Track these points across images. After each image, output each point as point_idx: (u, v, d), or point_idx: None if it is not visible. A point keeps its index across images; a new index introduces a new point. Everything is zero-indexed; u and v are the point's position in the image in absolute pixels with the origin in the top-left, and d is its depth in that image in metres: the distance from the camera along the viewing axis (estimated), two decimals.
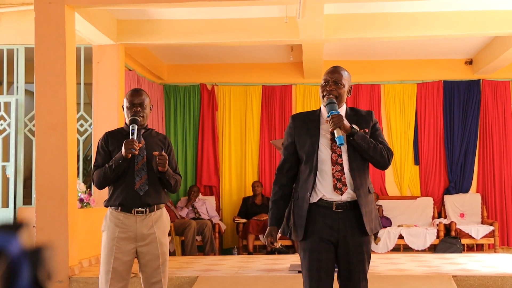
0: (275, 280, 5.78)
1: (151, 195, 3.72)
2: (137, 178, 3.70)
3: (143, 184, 3.70)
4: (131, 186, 3.69)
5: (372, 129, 3.25)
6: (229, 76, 10.02)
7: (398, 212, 9.50)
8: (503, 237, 9.43)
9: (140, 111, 3.75)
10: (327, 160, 3.15)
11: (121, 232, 3.68)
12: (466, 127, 9.69)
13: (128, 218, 3.69)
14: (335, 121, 3.06)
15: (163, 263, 3.73)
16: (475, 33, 7.58)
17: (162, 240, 3.75)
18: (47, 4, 5.93)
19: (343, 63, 9.56)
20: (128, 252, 3.69)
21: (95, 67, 7.48)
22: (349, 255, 3.15)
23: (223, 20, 7.53)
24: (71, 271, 5.82)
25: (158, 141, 3.84)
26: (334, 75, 3.20)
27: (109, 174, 3.67)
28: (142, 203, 3.69)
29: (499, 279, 5.62)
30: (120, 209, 3.70)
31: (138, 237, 3.69)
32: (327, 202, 3.13)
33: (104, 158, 3.77)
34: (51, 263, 1.05)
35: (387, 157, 3.17)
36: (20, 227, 1.04)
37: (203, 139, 9.92)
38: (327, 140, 3.18)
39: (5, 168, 7.54)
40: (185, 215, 9.12)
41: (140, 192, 3.69)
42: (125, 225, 3.69)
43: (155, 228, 3.72)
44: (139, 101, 3.76)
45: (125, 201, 3.69)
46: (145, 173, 3.71)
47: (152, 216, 3.73)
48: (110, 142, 3.80)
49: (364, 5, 7.11)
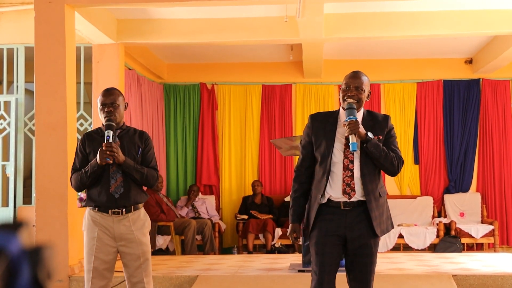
0: (275, 279, 5.78)
1: (127, 196, 3.71)
2: (112, 181, 3.70)
3: (118, 186, 3.70)
4: (107, 189, 3.70)
5: (386, 135, 3.35)
6: (229, 75, 10.02)
7: (398, 211, 9.49)
8: (503, 237, 9.43)
9: (112, 111, 3.73)
10: (339, 165, 3.26)
11: (100, 231, 3.70)
12: (466, 126, 9.69)
13: (106, 218, 3.71)
14: (352, 127, 3.17)
15: (144, 262, 3.73)
16: (475, 33, 7.57)
17: (142, 239, 3.74)
18: (47, 4, 5.93)
19: (342, 62, 9.67)
20: (108, 251, 3.70)
21: (95, 67, 7.48)
22: (358, 256, 3.26)
23: (223, 19, 7.53)
24: (71, 271, 5.82)
25: (135, 139, 3.82)
26: (356, 81, 3.30)
27: (85, 180, 3.70)
28: (118, 205, 3.70)
29: (499, 278, 5.62)
30: (97, 210, 3.72)
31: (117, 237, 3.70)
32: (335, 202, 3.25)
33: (81, 160, 3.78)
34: (51, 263, 1.06)
35: (397, 166, 3.30)
36: (20, 227, 1.04)
37: (203, 138, 9.92)
38: (341, 145, 3.28)
39: (5, 167, 7.54)
40: (185, 215, 9.12)
41: (115, 195, 3.69)
42: (103, 225, 3.71)
43: (133, 228, 3.72)
44: (110, 101, 3.74)
45: (101, 203, 3.71)
46: (120, 175, 3.71)
47: (130, 217, 3.73)
48: (87, 144, 3.80)
49: (364, 5, 7.10)
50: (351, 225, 3.23)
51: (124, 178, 3.71)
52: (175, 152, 9.97)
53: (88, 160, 3.74)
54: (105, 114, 3.72)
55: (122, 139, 3.78)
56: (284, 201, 9.48)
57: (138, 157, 3.78)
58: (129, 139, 3.80)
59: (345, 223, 3.23)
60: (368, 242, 3.24)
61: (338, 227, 3.23)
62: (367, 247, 3.25)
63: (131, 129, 3.88)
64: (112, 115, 3.71)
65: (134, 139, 3.82)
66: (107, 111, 3.72)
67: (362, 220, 3.23)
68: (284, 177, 9.83)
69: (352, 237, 3.23)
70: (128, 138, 3.81)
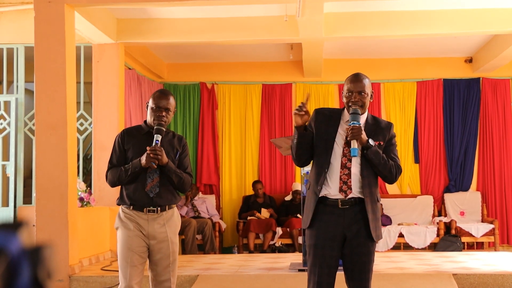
0: (275, 278, 5.78)
1: (162, 196, 3.72)
2: (149, 180, 3.71)
3: (154, 186, 3.71)
4: (143, 187, 3.70)
5: (387, 143, 3.37)
6: (229, 74, 10.02)
7: (398, 210, 9.50)
8: (503, 235, 9.43)
9: (164, 115, 3.72)
10: (337, 162, 3.27)
11: (135, 228, 3.70)
12: (466, 125, 9.69)
13: (140, 216, 3.71)
14: (354, 132, 3.19)
15: (173, 262, 3.76)
16: (475, 31, 7.57)
17: (173, 239, 3.77)
18: (47, 3, 5.92)
19: (342, 61, 9.67)
20: (142, 249, 3.71)
21: (95, 66, 7.48)
22: (356, 255, 3.26)
23: (223, 18, 7.53)
24: (71, 270, 5.82)
25: (174, 143, 3.82)
26: (358, 85, 3.30)
27: (124, 178, 3.70)
28: (153, 204, 3.71)
29: (499, 277, 5.62)
30: (132, 208, 3.72)
31: (150, 235, 3.71)
32: (333, 201, 3.26)
33: (119, 157, 3.78)
34: (51, 262, 1.05)
35: (395, 175, 3.32)
36: (20, 226, 1.04)
37: (203, 137, 9.92)
38: (341, 141, 3.30)
39: (5, 167, 7.54)
40: (185, 214, 9.12)
41: (151, 194, 3.70)
42: (137, 222, 3.71)
43: (166, 227, 3.74)
44: (165, 105, 3.72)
45: (136, 201, 3.71)
46: (157, 175, 3.71)
47: (164, 215, 3.74)
48: (126, 140, 3.79)
49: (363, 4, 7.10)
50: (349, 224, 3.24)
51: (161, 178, 3.72)
52: None
53: (126, 156, 3.75)
54: (156, 118, 3.70)
55: (162, 142, 3.75)
56: (284, 200, 9.48)
57: (176, 161, 3.79)
58: (168, 143, 3.80)
59: (343, 223, 3.24)
60: (366, 241, 3.26)
61: (336, 227, 3.24)
62: (364, 246, 3.26)
63: (170, 133, 3.88)
64: (162, 120, 3.71)
65: (173, 143, 3.82)
66: (159, 115, 3.70)
67: (359, 219, 3.24)
68: (284, 176, 9.83)
69: (350, 236, 3.25)
70: (168, 141, 3.80)
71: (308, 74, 9.74)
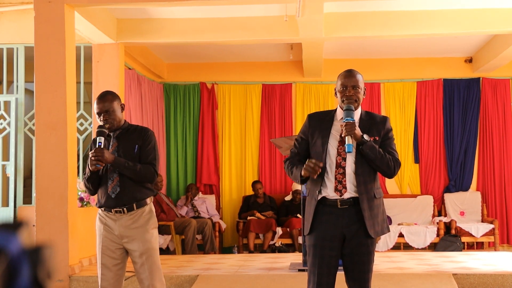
0: (275, 278, 5.78)
1: (125, 195, 3.76)
2: (109, 181, 3.78)
3: (115, 186, 3.77)
4: (106, 189, 3.79)
5: (383, 137, 3.34)
6: (229, 74, 10.02)
7: (398, 210, 9.50)
8: (503, 235, 9.43)
9: (108, 118, 3.78)
10: (332, 162, 3.27)
11: (105, 230, 3.81)
12: (466, 125, 9.69)
13: (110, 217, 3.80)
14: (348, 129, 3.16)
15: (147, 259, 3.77)
16: (475, 31, 7.57)
17: (145, 236, 3.78)
18: (47, 3, 5.93)
19: (342, 61, 9.66)
20: (114, 248, 3.79)
21: (95, 66, 7.48)
22: (355, 255, 3.26)
23: (223, 18, 7.53)
24: (71, 270, 5.83)
25: (133, 137, 3.84)
26: (352, 80, 3.30)
27: (88, 185, 3.85)
28: (117, 204, 3.77)
29: (499, 277, 5.62)
30: (103, 209, 3.83)
31: (120, 235, 3.78)
32: (331, 201, 3.26)
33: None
34: (51, 262, 1.05)
35: (393, 168, 3.28)
36: (20, 226, 1.04)
37: (203, 138, 9.92)
38: (335, 141, 3.29)
39: (5, 167, 7.54)
40: (185, 214, 9.12)
41: (112, 194, 3.76)
42: (107, 224, 3.81)
43: (135, 225, 3.78)
44: (104, 108, 3.79)
45: (102, 203, 3.81)
46: (116, 175, 3.76)
47: (132, 214, 3.78)
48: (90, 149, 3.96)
49: (363, 4, 7.10)
50: (348, 224, 3.24)
51: (121, 177, 3.76)
52: (175, 152, 9.97)
53: None
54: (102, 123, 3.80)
55: (119, 139, 3.82)
56: (284, 200, 9.48)
57: (136, 155, 3.79)
58: (126, 138, 3.84)
59: (342, 223, 3.24)
60: (365, 241, 3.25)
61: (336, 227, 3.24)
62: (364, 246, 3.25)
63: (133, 127, 3.90)
64: (107, 122, 3.78)
65: (132, 137, 3.84)
66: (103, 120, 3.79)
67: (358, 219, 3.23)
68: (284, 176, 9.83)
69: (350, 236, 3.24)
70: (126, 136, 3.84)
71: (308, 74, 9.74)
